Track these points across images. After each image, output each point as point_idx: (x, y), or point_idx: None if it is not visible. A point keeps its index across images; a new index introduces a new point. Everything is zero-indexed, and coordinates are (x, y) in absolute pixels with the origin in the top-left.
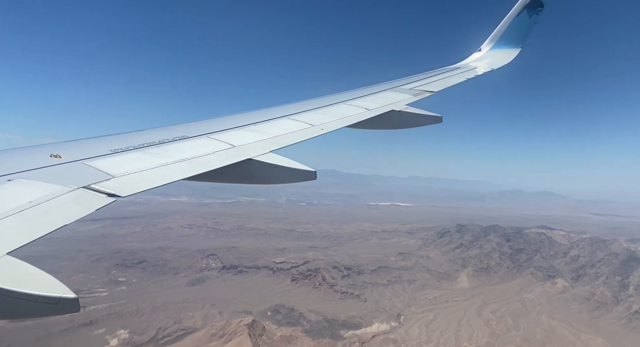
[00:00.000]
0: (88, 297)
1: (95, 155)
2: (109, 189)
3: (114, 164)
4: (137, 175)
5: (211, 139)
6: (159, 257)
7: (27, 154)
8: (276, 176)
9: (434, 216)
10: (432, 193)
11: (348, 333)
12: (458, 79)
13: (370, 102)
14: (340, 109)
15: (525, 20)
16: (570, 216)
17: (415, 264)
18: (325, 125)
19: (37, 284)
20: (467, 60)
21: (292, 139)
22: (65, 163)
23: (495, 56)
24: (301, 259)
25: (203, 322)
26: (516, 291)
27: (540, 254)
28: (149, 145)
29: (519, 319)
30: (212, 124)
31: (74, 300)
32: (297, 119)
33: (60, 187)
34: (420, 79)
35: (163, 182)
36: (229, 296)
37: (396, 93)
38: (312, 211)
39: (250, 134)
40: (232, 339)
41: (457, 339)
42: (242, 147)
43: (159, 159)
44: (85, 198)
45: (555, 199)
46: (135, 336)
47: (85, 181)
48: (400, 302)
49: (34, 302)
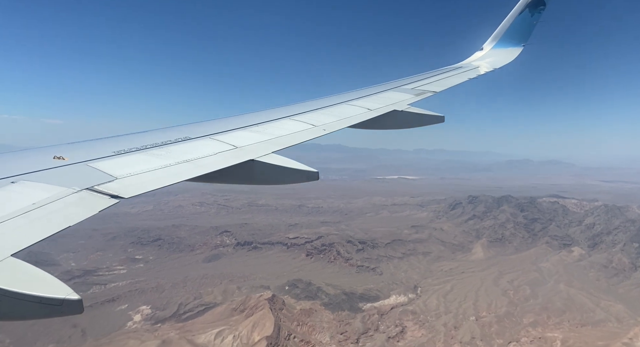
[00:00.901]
0: (108, 275)
1: (99, 156)
2: (112, 191)
3: (117, 166)
4: (140, 176)
5: (214, 140)
6: (174, 234)
7: (31, 156)
8: (278, 177)
9: (443, 188)
10: (439, 165)
11: (366, 306)
12: (460, 79)
13: (372, 102)
14: (342, 109)
15: (527, 19)
16: (579, 184)
17: (429, 237)
18: (327, 126)
19: (41, 286)
20: (470, 60)
21: (295, 140)
22: (68, 165)
23: (498, 55)
24: (314, 234)
25: (223, 298)
26: (532, 261)
27: (555, 223)
28: (152, 146)
29: (537, 288)
30: (214, 125)
31: (78, 301)
32: (299, 119)
33: (64, 189)
34: (422, 78)
35: (166, 184)
36: (246, 271)
37: (398, 93)
38: (320, 186)
39: (252, 134)
40: (253, 314)
41: (475, 309)
42: (244, 148)
43: (161, 160)
44: (88, 200)
45: (563, 168)
46: (158, 311)
47: (88, 182)
48: (416, 274)
49: (38, 303)
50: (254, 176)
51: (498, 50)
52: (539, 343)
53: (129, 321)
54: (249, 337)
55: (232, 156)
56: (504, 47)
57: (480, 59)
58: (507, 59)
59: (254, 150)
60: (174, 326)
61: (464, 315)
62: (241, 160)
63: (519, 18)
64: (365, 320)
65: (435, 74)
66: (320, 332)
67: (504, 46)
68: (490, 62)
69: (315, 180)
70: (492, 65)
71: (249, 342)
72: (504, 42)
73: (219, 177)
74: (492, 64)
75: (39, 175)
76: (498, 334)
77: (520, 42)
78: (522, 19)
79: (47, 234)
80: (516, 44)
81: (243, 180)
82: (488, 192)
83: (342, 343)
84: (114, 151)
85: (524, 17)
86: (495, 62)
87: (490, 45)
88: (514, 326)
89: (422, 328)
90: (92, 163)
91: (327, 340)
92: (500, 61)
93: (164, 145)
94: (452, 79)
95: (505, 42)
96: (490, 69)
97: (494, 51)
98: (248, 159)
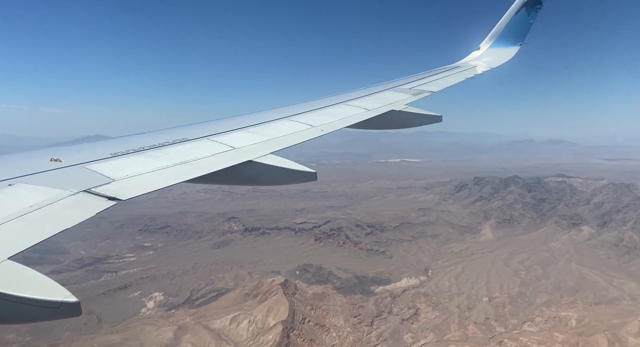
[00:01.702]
0: (118, 262)
1: (96, 159)
2: (109, 193)
3: (114, 168)
4: (138, 178)
5: (212, 141)
6: (181, 221)
7: (28, 158)
8: (276, 177)
9: (446, 170)
10: (441, 147)
11: (378, 289)
12: (457, 79)
13: (369, 102)
14: (340, 109)
15: (523, 18)
16: (582, 163)
17: (436, 219)
18: (325, 126)
19: (39, 289)
20: (467, 59)
21: (292, 140)
22: (65, 167)
23: (495, 54)
24: (321, 218)
25: (234, 283)
26: (542, 241)
27: (564, 202)
28: (150, 148)
29: (548, 267)
30: (212, 126)
31: (76, 304)
32: (297, 120)
33: (61, 191)
34: (419, 78)
35: (163, 185)
36: (255, 257)
37: (396, 93)
38: (324, 170)
39: (250, 135)
40: (267, 299)
41: (488, 290)
42: (242, 149)
43: (159, 161)
44: (85, 202)
45: (566, 147)
46: (170, 297)
47: (85, 184)
48: (426, 256)
49: (36, 306)
50: (252, 177)
51: (495, 50)
52: (554, 322)
53: (142, 307)
54: (264, 322)
55: (230, 157)
56: (500, 46)
57: (477, 58)
58: (504, 58)
59: (252, 151)
60: (188, 312)
61: (477, 296)
62: (239, 161)
63: (516, 17)
64: (378, 303)
65: (432, 73)
66: (334, 316)
67: (501, 45)
68: (487, 62)
69: (314, 180)
70: (489, 64)
71: (264, 327)
72: (501, 42)
73: (217, 178)
74: (489, 63)
75: (36, 177)
76: (512, 314)
77: (517, 42)
78: (519, 18)
79: (44, 237)
80: (513, 43)
81: (241, 181)
82: (492, 173)
83: (357, 326)
84: (111, 153)
85: (520, 17)
86: (492, 62)
87: (487, 45)
88: (528, 306)
89: (435, 310)
90: (89, 165)
91: (342, 323)
92: (497, 60)
93: (161, 147)
94: (450, 79)
95: (502, 42)
96: (487, 68)
97: (491, 50)
98: (246, 160)
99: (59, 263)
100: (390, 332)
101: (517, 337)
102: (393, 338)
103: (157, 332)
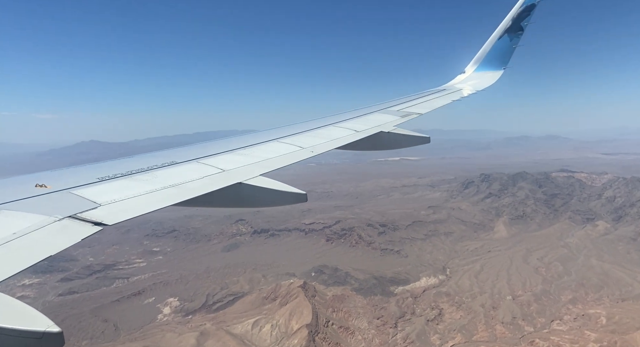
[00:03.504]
0: (128, 268)
1: (82, 183)
2: (95, 218)
3: (100, 192)
4: (124, 202)
5: (201, 164)
6: (188, 225)
7: (12, 184)
8: (266, 199)
9: (446, 167)
10: (437, 145)
11: (398, 289)
12: (444, 101)
13: (359, 123)
14: (330, 131)
15: (506, 43)
16: (581, 158)
17: (448, 217)
18: (315, 148)
19: (21, 318)
20: (453, 82)
21: (282, 162)
22: (51, 192)
23: (480, 78)
24: (330, 219)
25: (250, 286)
26: (557, 237)
27: (576, 197)
28: (138, 171)
29: (568, 264)
30: (201, 148)
31: (59, 334)
32: (286, 142)
33: (46, 217)
34: (407, 100)
35: (151, 209)
36: (267, 259)
37: (384, 115)
38: (324, 170)
39: (240, 158)
40: (288, 302)
41: (510, 288)
42: (231, 171)
43: (147, 185)
44: (71, 227)
45: (562, 142)
46: (186, 303)
47: (71, 210)
48: (442, 255)
49: (18, 337)
50: (242, 199)
51: (480, 74)
52: (583, 320)
53: (158, 313)
54: (287, 325)
55: (219, 180)
56: (485, 70)
57: (463, 81)
58: (489, 81)
59: (242, 173)
60: (206, 317)
61: (500, 295)
62: (228, 184)
63: (499, 42)
64: (399, 304)
65: (420, 96)
66: (357, 318)
67: (486, 69)
68: (472, 85)
69: (304, 202)
70: (475, 87)
71: (287, 331)
72: (485, 66)
73: (206, 201)
74: (475, 86)
75: (21, 203)
76: (538, 313)
77: (501, 65)
78: (502, 43)
79: (27, 265)
80: (497, 67)
81: (230, 203)
82: (495, 169)
83: (381, 328)
84: (98, 178)
85: (503, 42)
86: (477, 85)
87: (472, 69)
88: (553, 304)
89: (459, 310)
90: (76, 190)
91: (365, 325)
92: (482, 84)
93: (149, 170)
94: (437, 101)
95: (486, 66)
96: (473, 91)
97: (476, 74)
98: (235, 182)
99: (68, 270)
100: (417, 333)
101: (548, 337)
102: (420, 340)
103: (178, 339)
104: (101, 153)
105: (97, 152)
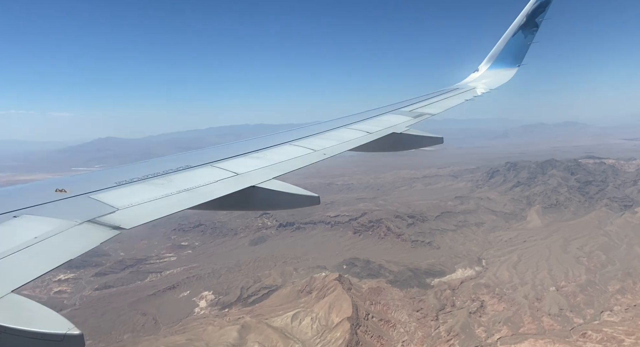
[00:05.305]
0: (160, 263)
1: (100, 188)
2: (113, 222)
3: (118, 197)
4: (142, 206)
5: (214, 168)
6: (214, 219)
7: (33, 190)
8: (280, 202)
9: (465, 157)
10: (453, 135)
11: (434, 281)
12: (457, 101)
13: (370, 125)
14: (342, 133)
15: (521, 40)
16: (603, 144)
17: (477, 207)
18: (327, 150)
19: (42, 322)
20: (466, 81)
21: (295, 165)
22: (70, 197)
23: (493, 76)
24: (355, 211)
25: (283, 280)
26: (595, 225)
27: (612, 184)
28: (153, 176)
29: (611, 252)
30: (215, 152)
31: (79, 336)
32: (299, 144)
33: (66, 222)
34: (419, 100)
35: (167, 213)
36: (296, 252)
37: (396, 115)
38: (341, 163)
39: (253, 161)
40: (325, 295)
41: (553, 279)
42: (245, 175)
43: (163, 189)
44: (90, 232)
45: (580, 129)
46: (221, 296)
47: (90, 214)
48: (475, 246)
49: (39, 340)
50: (255, 202)
51: (493, 71)
52: (636, 311)
53: (195, 307)
54: (327, 318)
55: (233, 183)
56: (499, 67)
57: (476, 80)
58: (503, 79)
59: (255, 177)
60: (242, 310)
61: (543, 286)
62: (242, 187)
63: (513, 39)
64: (438, 296)
65: (432, 96)
66: (396, 311)
67: (499, 67)
68: (486, 83)
69: (317, 204)
70: (489, 86)
71: (327, 324)
72: (499, 63)
73: (221, 205)
74: (489, 84)
75: (41, 208)
76: (586, 304)
77: (515, 63)
78: (516, 40)
79: (47, 269)
80: (511, 65)
81: (244, 206)
82: (515, 157)
83: (422, 321)
84: (116, 182)
85: (517, 39)
86: (491, 83)
87: (485, 67)
88: (600, 295)
89: (501, 301)
90: (94, 195)
91: (406, 318)
92: (496, 82)
93: (165, 175)
94: (449, 101)
95: (500, 63)
96: (486, 89)
97: (490, 72)
98: (249, 186)
99: (102, 265)
100: (460, 326)
101: (600, 329)
102: (465, 333)
103: (220, 332)
104: (118, 149)
105: (114, 148)
